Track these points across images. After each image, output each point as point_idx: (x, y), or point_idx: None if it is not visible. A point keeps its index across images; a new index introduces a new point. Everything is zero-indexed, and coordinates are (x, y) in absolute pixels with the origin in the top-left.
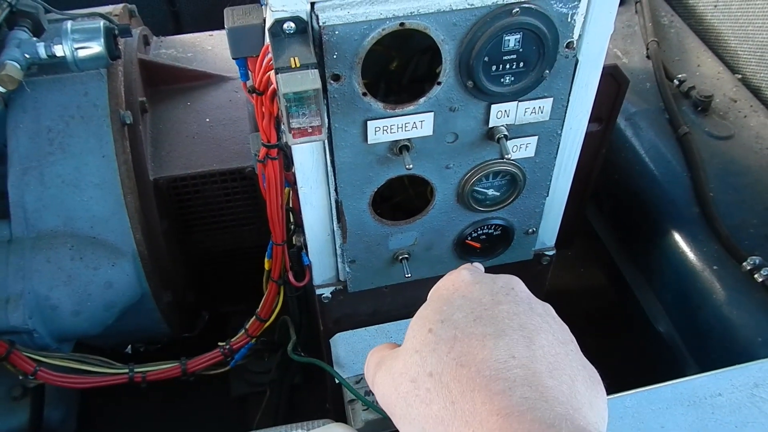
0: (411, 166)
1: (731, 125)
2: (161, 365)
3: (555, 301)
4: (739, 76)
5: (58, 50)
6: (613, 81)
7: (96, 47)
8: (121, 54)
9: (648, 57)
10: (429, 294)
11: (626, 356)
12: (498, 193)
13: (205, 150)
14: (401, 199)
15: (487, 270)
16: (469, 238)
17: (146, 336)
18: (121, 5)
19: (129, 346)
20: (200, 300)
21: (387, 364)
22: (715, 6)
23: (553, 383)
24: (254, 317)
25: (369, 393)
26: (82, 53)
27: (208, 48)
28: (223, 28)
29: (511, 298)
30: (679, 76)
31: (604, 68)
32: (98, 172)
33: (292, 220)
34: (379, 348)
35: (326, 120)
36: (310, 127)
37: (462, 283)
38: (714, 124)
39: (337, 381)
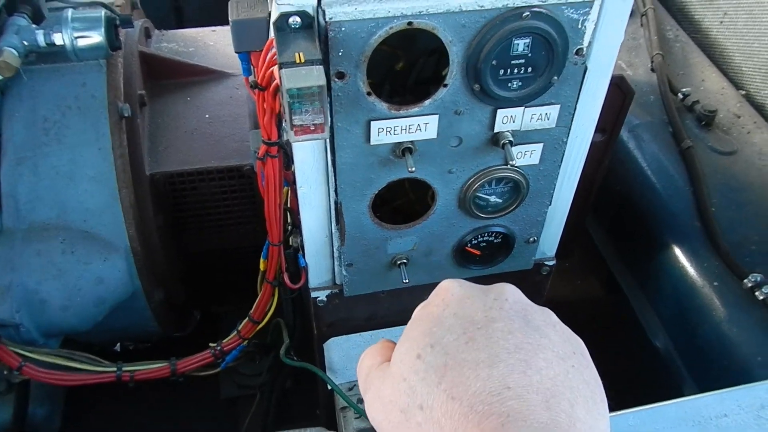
0: (413, 168)
1: (734, 141)
2: (150, 365)
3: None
4: (743, 92)
5: (58, 38)
6: (618, 92)
7: (96, 37)
8: (121, 45)
9: (653, 70)
10: (415, 312)
11: (622, 370)
12: (500, 200)
13: (203, 146)
14: (401, 202)
15: (487, 279)
16: (469, 245)
17: (136, 334)
18: None
19: (118, 344)
20: (192, 299)
21: (376, 386)
22: (721, 22)
23: (549, 416)
24: (247, 318)
25: (361, 401)
26: (81, 42)
27: (210, 43)
28: (226, 23)
29: (506, 313)
30: (684, 89)
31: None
32: (94, 165)
33: (289, 220)
34: (372, 352)
35: (329, 118)
36: (313, 124)
37: (452, 298)
38: (717, 139)
39: (329, 387)
